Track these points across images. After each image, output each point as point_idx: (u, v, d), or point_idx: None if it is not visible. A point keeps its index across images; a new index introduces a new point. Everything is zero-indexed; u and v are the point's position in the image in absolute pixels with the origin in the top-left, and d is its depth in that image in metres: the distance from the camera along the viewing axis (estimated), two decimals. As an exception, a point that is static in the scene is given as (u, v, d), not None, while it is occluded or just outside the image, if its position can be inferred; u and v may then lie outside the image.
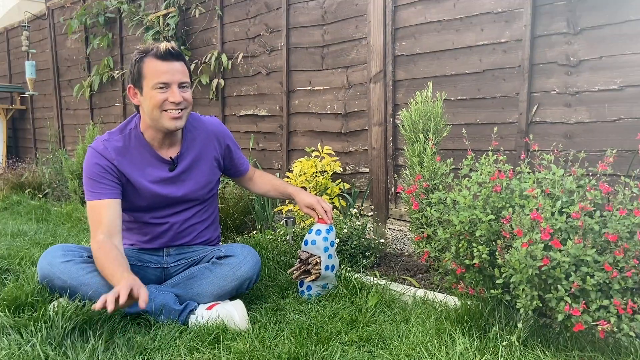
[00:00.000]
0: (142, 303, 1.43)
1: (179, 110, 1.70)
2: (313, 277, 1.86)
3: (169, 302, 1.68)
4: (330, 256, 1.89)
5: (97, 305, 1.39)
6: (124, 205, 1.77)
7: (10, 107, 6.38)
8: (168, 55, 1.67)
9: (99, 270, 1.62)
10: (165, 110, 1.68)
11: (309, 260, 1.88)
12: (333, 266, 1.91)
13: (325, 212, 1.89)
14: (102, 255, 1.60)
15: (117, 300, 1.40)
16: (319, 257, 1.87)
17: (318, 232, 1.89)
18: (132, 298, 1.44)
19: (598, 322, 1.28)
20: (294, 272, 1.89)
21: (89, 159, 1.74)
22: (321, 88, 3.05)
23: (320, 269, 1.86)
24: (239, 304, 1.68)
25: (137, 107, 1.79)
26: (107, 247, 1.61)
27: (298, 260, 1.91)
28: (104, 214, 1.67)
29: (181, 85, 1.70)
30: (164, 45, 1.67)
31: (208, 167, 1.90)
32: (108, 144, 1.75)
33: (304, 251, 1.90)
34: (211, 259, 1.83)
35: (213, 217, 2.00)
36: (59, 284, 1.65)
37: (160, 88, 1.66)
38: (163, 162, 1.80)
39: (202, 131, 1.89)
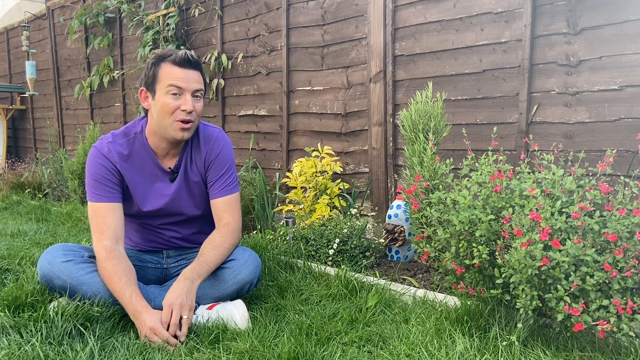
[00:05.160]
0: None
1: (188, 122, 1.66)
2: (400, 242, 2.29)
3: None
4: (411, 224, 2.17)
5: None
6: (127, 208, 1.76)
7: (10, 107, 6.38)
8: (186, 63, 1.64)
9: (104, 279, 1.60)
10: (176, 120, 1.65)
11: (395, 230, 2.30)
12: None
13: None
14: (110, 267, 1.57)
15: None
16: (402, 226, 2.29)
17: (399, 207, 2.31)
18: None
19: (598, 322, 1.28)
20: (383, 240, 2.33)
21: (92, 159, 1.71)
22: (321, 88, 3.05)
23: (405, 236, 2.28)
24: (240, 303, 1.68)
25: (146, 112, 1.75)
26: (115, 257, 1.59)
27: (385, 231, 2.33)
28: (109, 217, 1.66)
29: (194, 94, 1.66)
30: (182, 52, 1.64)
31: (203, 184, 1.83)
32: (112, 147, 1.72)
33: (389, 224, 2.32)
34: None
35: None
36: (58, 283, 1.64)
37: (174, 94, 1.63)
38: (164, 172, 1.78)
39: (206, 146, 1.79)
